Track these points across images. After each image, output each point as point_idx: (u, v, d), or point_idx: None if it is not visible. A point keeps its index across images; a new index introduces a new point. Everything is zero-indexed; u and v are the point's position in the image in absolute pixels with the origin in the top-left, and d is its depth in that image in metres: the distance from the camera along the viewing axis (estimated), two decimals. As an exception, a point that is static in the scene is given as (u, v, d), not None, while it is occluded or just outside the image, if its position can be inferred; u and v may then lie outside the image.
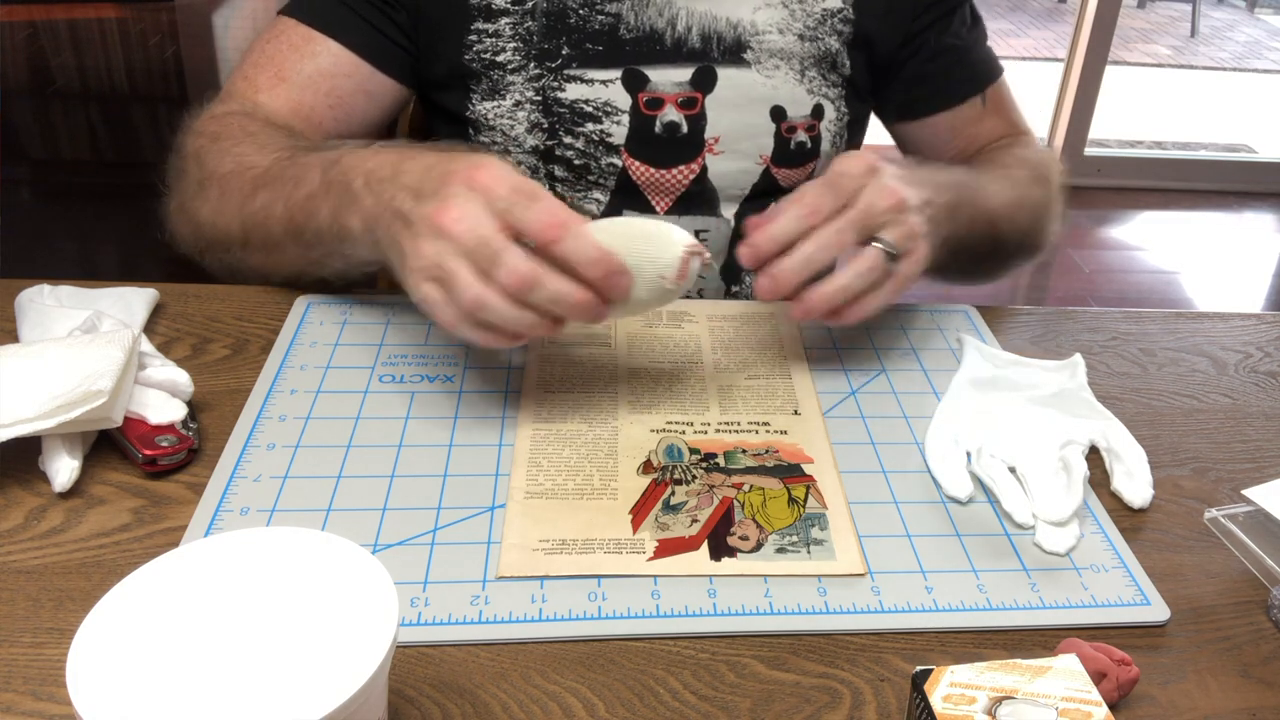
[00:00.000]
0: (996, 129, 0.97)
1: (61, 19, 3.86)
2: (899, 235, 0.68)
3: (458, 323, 0.61)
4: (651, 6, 0.86)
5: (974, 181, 0.82)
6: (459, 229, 0.59)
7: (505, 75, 0.86)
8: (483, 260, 0.59)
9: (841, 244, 0.67)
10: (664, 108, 0.88)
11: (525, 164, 0.89)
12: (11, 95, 3.22)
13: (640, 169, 0.89)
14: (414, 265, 0.61)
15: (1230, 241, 3.01)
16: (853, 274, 0.68)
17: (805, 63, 0.90)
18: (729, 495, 0.62)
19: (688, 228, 0.91)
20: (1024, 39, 4.85)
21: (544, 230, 0.59)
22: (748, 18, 0.88)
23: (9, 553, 0.56)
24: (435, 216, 0.60)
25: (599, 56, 0.87)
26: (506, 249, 0.59)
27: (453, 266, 0.59)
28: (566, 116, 0.87)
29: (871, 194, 0.68)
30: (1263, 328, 0.87)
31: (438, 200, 0.60)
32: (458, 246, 0.59)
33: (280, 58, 0.84)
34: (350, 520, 0.59)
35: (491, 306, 0.59)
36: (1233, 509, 0.62)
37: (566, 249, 0.59)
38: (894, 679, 0.52)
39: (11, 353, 0.62)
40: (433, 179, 0.62)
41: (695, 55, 0.88)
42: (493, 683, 0.51)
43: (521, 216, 0.59)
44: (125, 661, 0.38)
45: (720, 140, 0.90)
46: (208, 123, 0.81)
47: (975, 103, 0.96)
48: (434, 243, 0.60)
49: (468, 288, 0.59)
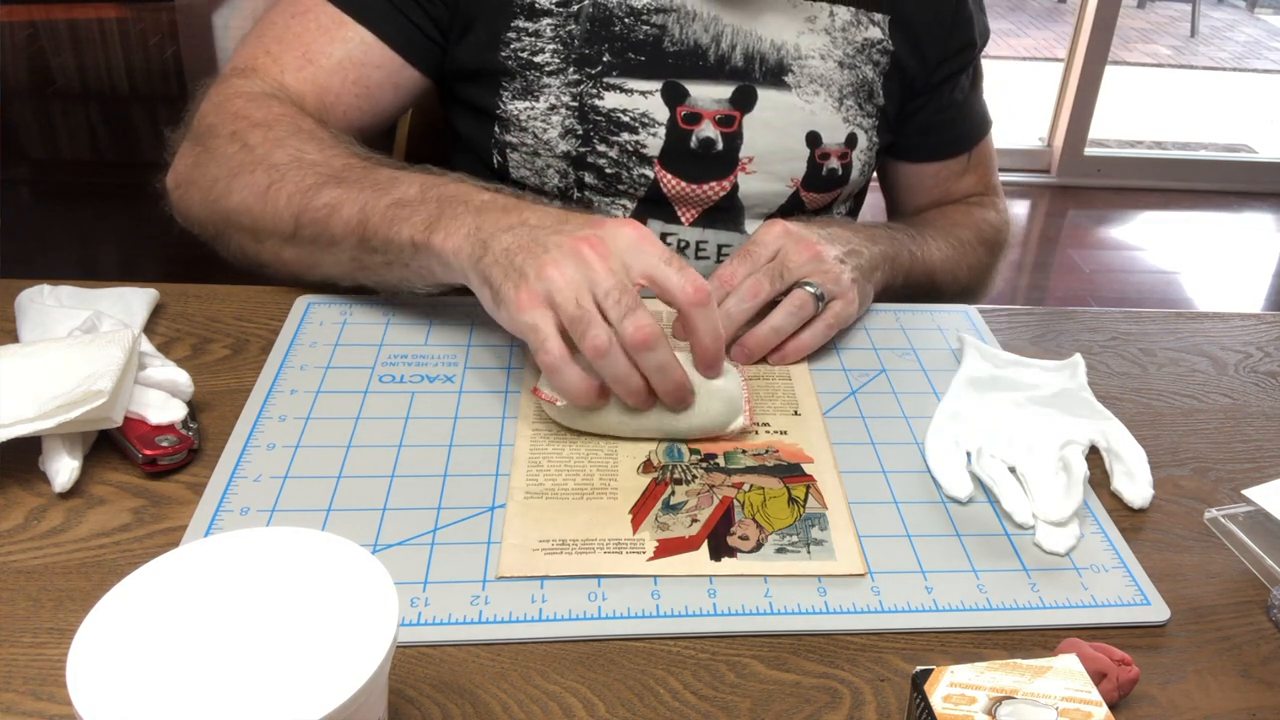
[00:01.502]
0: (972, 185, 1.03)
1: (61, 19, 3.87)
2: (823, 280, 0.75)
3: (560, 363, 0.60)
4: (697, 21, 0.86)
5: (916, 238, 0.89)
6: (603, 266, 0.59)
7: (542, 76, 0.86)
8: (616, 305, 0.59)
9: (757, 292, 0.73)
10: (701, 123, 0.87)
11: (555, 169, 0.89)
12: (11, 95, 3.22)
13: (672, 181, 0.89)
14: (535, 287, 0.60)
15: (1230, 241, 3.01)
16: (783, 314, 0.74)
17: (844, 90, 0.90)
18: (729, 495, 0.62)
19: (711, 241, 0.92)
20: (1024, 39, 4.85)
21: (697, 291, 0.61)
22: (791, 41, 0.88)
23: (9, 553, 0.56)
24: (580, 245, 0.60)
25: (640, 67, 0.86)
26: (642, 304, 0.60)
27: (587, 304, 0.59)
28: (602, 125, 0.87)
29: (787, 250, 0.75)
30: (1263, 328, 0.87)
31: (586, 231, 0.61)
32: (596, 280, 0.59)
33: (308, 38, 0.83)
34: (350, 520, 0.59)
35: (614, 356, 0.59)
36: (1233, 509, 0.62)
37: (702, 315, 0.62)
38: (894, 679, 0.52)
39: (11, 353, 0.62)
40: (576, 217, 0.63)
41: (737, 74, 0.87)
42: (493, 683, 0.51)
43: (670, 275, 0.61)
44: (125, 661, 0.38)
45: (754, 160, 0.90)
46: (243, 103, 0.79)
47: (963, 158, 1.01)
48: (569, 269, 0.59)
49: (600, 332, 0.59)
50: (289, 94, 0.81)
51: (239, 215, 0.75)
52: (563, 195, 0.90)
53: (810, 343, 0.75)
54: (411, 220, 0.67)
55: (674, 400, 0.63)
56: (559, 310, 0.59)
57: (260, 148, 0.75)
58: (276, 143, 0.75)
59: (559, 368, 0.60)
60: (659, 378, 0.62)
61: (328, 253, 0.73)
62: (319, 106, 0.82)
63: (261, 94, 0.80)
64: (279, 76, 0.82)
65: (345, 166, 0.73)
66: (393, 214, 0.68)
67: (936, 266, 0.90)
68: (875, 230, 0.85)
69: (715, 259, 0.93)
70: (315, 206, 0.71)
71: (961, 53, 0.95)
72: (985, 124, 1.03)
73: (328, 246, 0.72)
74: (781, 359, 0.75)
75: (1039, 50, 4.72)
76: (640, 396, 0.63)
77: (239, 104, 0.79)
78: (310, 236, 0.72)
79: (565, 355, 0.60)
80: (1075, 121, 3.10)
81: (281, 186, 0.73)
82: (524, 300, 0.60)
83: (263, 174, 0.74)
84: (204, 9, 4.10)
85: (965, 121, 1.00)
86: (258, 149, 0.75)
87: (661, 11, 0.86)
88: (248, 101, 0.79)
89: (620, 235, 0.62)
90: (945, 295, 0.92)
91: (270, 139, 0.75)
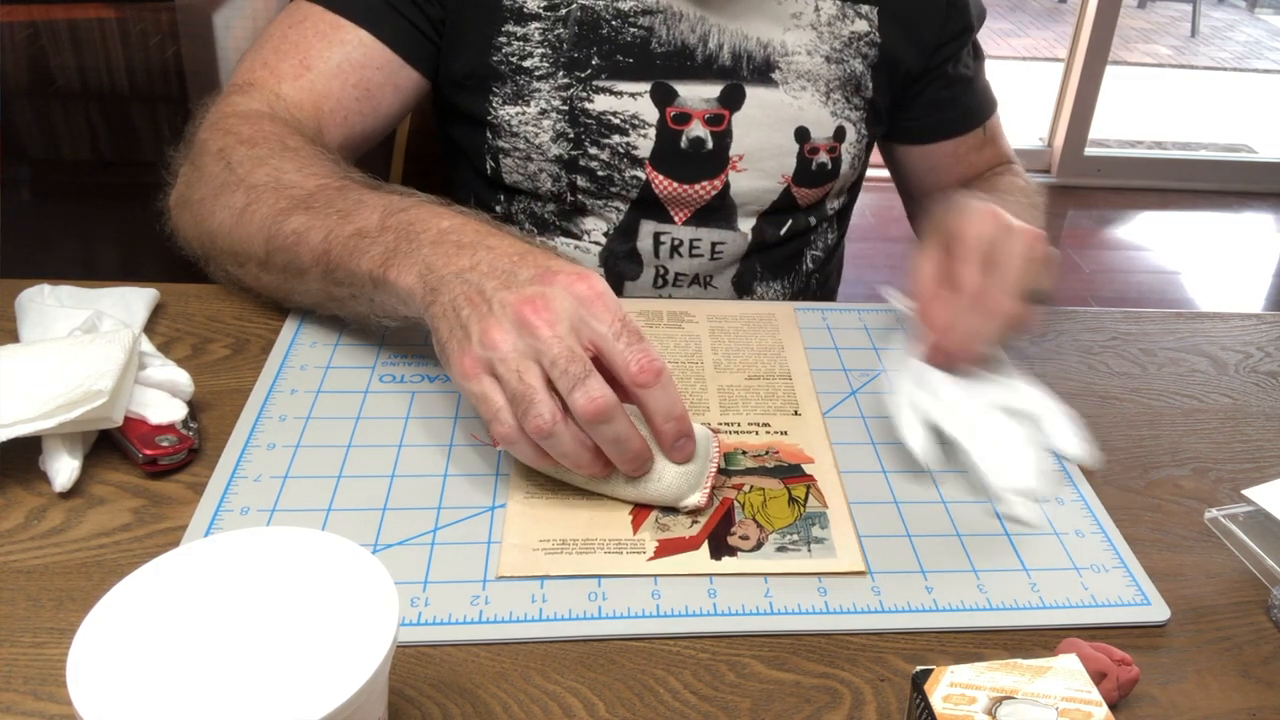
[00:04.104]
0: (992, 157, 1.02)
1: (61, 19, 3.86)
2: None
3: (515, 436, 0.56)
4: (684, 22, 0.86)
5: (1009, 206, 0.84)
6: (549, 333, 0.55)
7: (531, 81, 0.86)
8: (564, 375, 0.54)
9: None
10: (691, 123, 0.87)
11: (548, 173, 0.89)
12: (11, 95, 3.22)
13: (663, 182, 0.89)
14: (479, 354, 0.56)
15: (1230, 241, 3.01)
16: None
17: (831, 85, 0.90)
18: (729, 496, 0.62)
19: (705, 239, 0.92)
20: (1024, 39, 4.85)
21: (643, 371, 0.56)
22: (778, 38, 0.88)
23: (9, 553, 0.56)
24: (523, 308, 0.55)
25: (629, 69, 0.86)
26: (594, 372, 0.55)
27: (531, 380, 0.54)
28: (593, 128, 0.87)
29: (1017, 248, 0.68)
30: (1263, 328, 0.87)
31: (532, 290, 0.56)
32: (541, 351, 0.55)
33: (305, 45, 0.82)
34: (350, 520, 0.59)
35: (559, 435, 0.55)
36: (1233, 509, 0.62)
37: (654, 396, 0.57)
38: (894, 679, 0.52)
39: (11, 353, 0.62)
40: (528, 267, 0.58)
41: (725, 73, 0.88)
42: (493, 683, 0.51)
43: (619, 350, 0.56)
44: (125, 661, 0.38)
45: (744, 158, 0.90)
46: (235, 121, 0.77)
47: (978, 132, 1.01)
48: (513, 336, 0.55)
49: (543, 411, 0.54)
50: (286, 104, 0.80)
51: (219, 237, 0.73)
52: (556, 198, 0.91)
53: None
54: (370, 253, 0.63)
55: (632, 469, 0.58)
56: (502, 383, 0.55)
57: (241, 167, 0.73)
58: (258, 161, 0.73)
59: (514, 441, 0.56)
60: (614, 449, 0.57)
61: (299, 281, 0.70)
62: (316, 114, 0.82)
63: (255, 111, 0.79)
64: (276, 87, 0.81)
65: (318, 189, 0.69)
66: (353, 244, 0.64)
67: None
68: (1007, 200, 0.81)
69: (709, 257, 0.93)
70: (284, 233, 0.68)
71: (959, 36, 0.95)
72: (993, 101, 1.02)
73: (298, 275, 0.69)
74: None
75: (1039, 50, 4.71)
76: (594, 469, 0.58)
77: (231, 122, 0.77)
78: (281, 264, 0.70)
79: (520, 429, 0.56)
80: (1075, 121, 3.10)
81: (257, 209, 0.70)
82: (468, 367, 0.56)
83: (241, 195, 0.71)
84: (204, 9, 4.09)
85: (974, 96, 1.00)
86: (239, 168, 0.73)
87: (648, 13, 0.86)
88: (240, 119, 0.77)
89: (569, 294, 0.56)
90: None
91: (252, 157, 0.73)
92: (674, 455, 0.59)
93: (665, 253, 0.92)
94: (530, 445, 0.57)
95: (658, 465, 0.59)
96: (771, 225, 0.94)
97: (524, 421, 0.55)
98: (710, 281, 0.95)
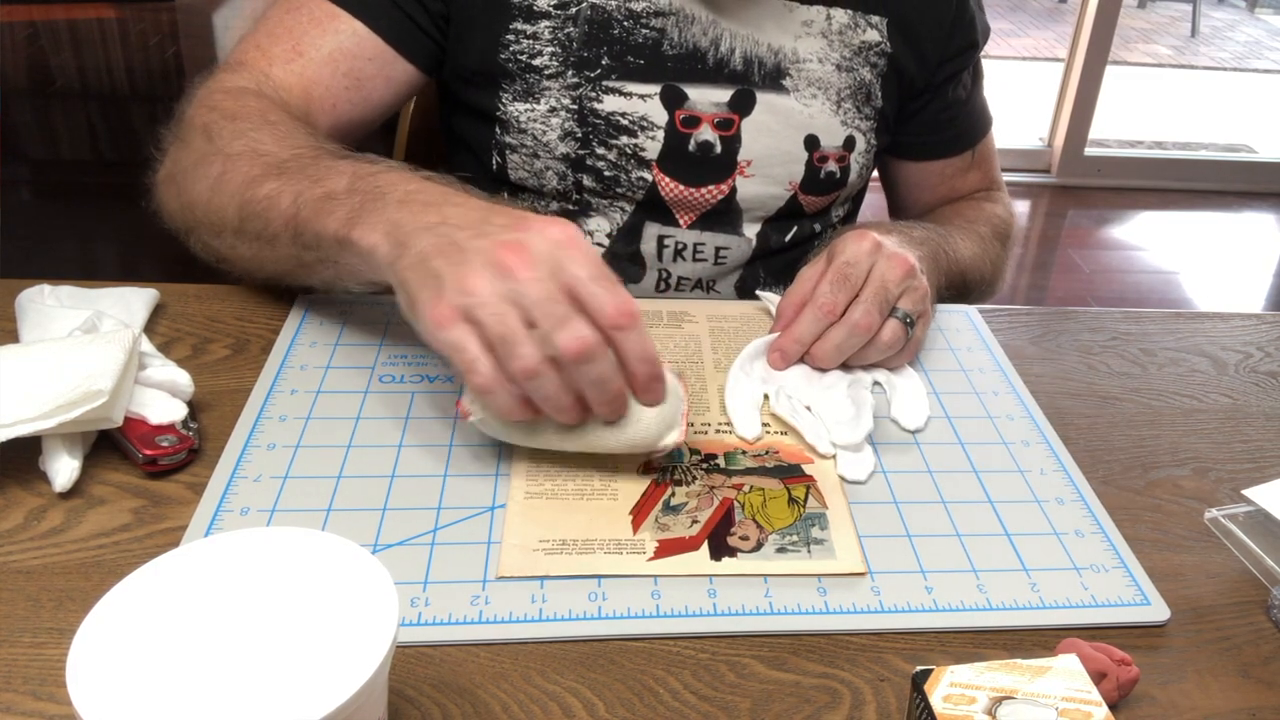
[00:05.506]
0: (976, 181, 1.03)
1: (61, 19, 3.86)
2: (913, 301, 0.73)
3: (494, 384, 0.55)
4: (696, 25, 0.86)
5: (948, 236, 0.88)
6: (529, 274, 0.54)
7: (541, 80, 0.86)
8: (547, 316, 0.54)
9: (870, 327, 0.70)
10: (700, 126, 0.87)
11: (554, 171, 0.89)
12: (11, 95, 3.22)
13: (670, 185, 0.89)
14: (454, 300, 0.54)
15: (1230, 241, 3.01)
16: (878, 351, 0.72)
17: (842, 93, 0.90)
18: (729, 496, 0.62)
19: (709, 243, 0.92)
20: (1024, 39, 4.85)
21: (620, 314, 0.55)
22: (789, 45, 0.88)
23: (9, 553, 0.56)
24: (500, 252, 0.54)
25: (639, 70, 0.86)
26: (576, 312, 0.55)
27: (512, 322, 0.54)
28: (601, 128, 0.87)
29: (883, 269, 0.71)
30: (1263, 328, 0.87)
31: (508, 236, 0.56)
32: (522, 293, 0.54)
33: (299, 30, 0.82)
34: (350, 520, 0.59)
35: (545, 376, 0.55)
36: (1233, 509, 0.62)
37: (629, 339, 0.56)
38: (894, 679, 0.52)
39: (11, 353, 0.62)
40: (500, 216, 0.58)
41: (736, 77, 0.87)
42: (493, 683, 0.51)
43: (596, 293, 0.55)
44: (125, 661, 0.38)
45: (752, 164, 0.89)
46: (221, 97, 0.78)
47: (967, 155, 1.01)
48: (490, 280, 0.54)
49: (529, 351, 0.54)
50: (275, 86, 0.81)
51: (197, 207, 0.74)
52: (561, 197, 0.90)
53: (888, 366, 0.74)
54: (336, 214, 0.63)
55: (609, 411, 0.59)
56: (482, 328, 0.54)
57: (220, 139, 0.73)
58: (237, 134, 0.73)
59: (493, 389, 0.56)
60: (595, 390, 0.57)
61: (270, 248, 0.70)
62: (306, 99, 0.82)
63: (241, 88, 0.79)
64: (266, 69, 0.81)
65: (292, 157, 0.70)
66: (320, 206, 0.64)
67: (967, 265, 0.89)
68: (918, 233, 0.83)
69: (713, 261, 0.93)
70: (257, 198, 0.68)
71: (964, 53, 0.95)
72: (986, 121, 1.03)
73: (269, 242, 0.69)
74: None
75: (1039, 50, 4.72)
76: (573, 414, 0.58)
77: (217, 98, 0.78)
78: (254, 232, 0.69)
79: (498, 377, 0.55)
80: (1075, 121, 3.10)
81: (231, 176, 0.71)
82: (443, 314, 0.55)
83: (218, 164, 0.72)
84: (204, 9, 4.09)
85: (968, 119, 1.00)
86: (218, 140, 0.73)
87: (660, 15, 0.85)
88: (225, 95, 0.78)
89: (545, 238, 0.56)
90: (972, 293, 0.91)
91: (232, 130, 0.74)
92: (647, 397, 0.59)
93: (669, 256, 0.92)
94: (508, 393, 0.56)
95: (634, 410, 0.60)
96: (776, 231, 0.94)
97: (508, 364, 0.55)
98: (713, 286, 0.95)
